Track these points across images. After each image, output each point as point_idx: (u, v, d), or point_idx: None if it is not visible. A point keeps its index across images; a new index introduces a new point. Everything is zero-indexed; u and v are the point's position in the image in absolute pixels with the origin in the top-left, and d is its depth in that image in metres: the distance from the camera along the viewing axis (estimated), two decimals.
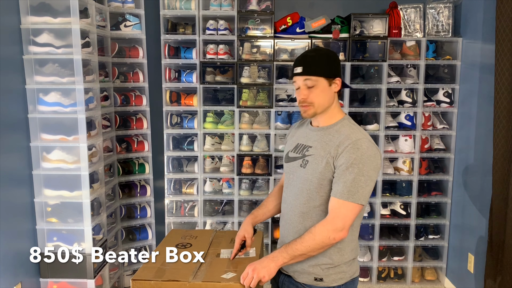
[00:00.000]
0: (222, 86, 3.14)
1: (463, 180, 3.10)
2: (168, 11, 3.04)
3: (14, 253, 2.28)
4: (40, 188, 2.42)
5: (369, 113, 3.21)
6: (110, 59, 2.94)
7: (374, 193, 3.22)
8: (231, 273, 1.49)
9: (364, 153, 1.41)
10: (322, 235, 1.41)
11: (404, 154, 3.20)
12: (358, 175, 1.39)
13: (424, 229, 3.30)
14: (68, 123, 2.41)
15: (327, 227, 1.42)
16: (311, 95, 1.48)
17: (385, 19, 3.07)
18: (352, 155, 1.41)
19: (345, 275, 1.52)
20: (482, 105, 2.84)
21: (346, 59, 3.10)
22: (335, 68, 1.50)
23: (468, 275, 2.97)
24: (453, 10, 3.11)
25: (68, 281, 2.46)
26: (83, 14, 2.44)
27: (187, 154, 3.21)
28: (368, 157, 1.41)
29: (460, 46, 3.09)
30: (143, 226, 3.21)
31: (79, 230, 2.45)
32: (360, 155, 1.41)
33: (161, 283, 1.45)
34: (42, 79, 2.37)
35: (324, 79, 1.47)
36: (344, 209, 1.41)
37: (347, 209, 1.41)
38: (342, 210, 1.41)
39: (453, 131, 3.18)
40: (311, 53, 1.55)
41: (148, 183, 3.21)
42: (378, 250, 3.27)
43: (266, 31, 3.10)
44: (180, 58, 3.12)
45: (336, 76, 1.49)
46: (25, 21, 2.32)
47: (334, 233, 1.41)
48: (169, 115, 3.17)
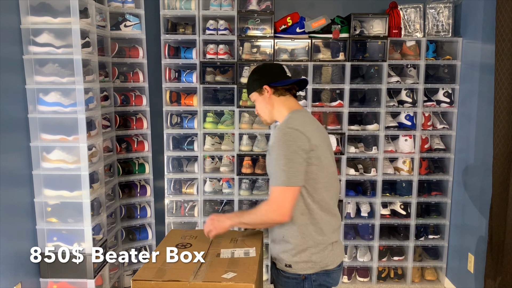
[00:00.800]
0: (222, 86, 3.14)
1: (463, 180, 3.10)
2: (168, 11, 3.04)
3: (14, 253, 2.27)
4: (40, 188, 2.42)
5: (369, 113, 3.21)
6: (110, 59, 2.94)
7: (374, 193, 3.22)
8: (231, 273, 1.49)
9: (276, 137, 1.54)
10: (261, 213, 1.57)
11: (404, 154, 3.20)
12: (277, 160, 1.52)
13: (424, 229, 3.30)
14: (68, 123, 2.41)
15: (266, 207, 1.57)
16: (256, 109, 1.76)
17: (385, 19, 3.07)
18: (270, 143, 1.61)
19: (315, 265, 1.59)
20: (482, 105, 2.84)
21: (346, 59, 3.10)
22: (258, 79, 1.70)
23: (468, 275, 2.97)
24: (453, 10, 3.11)
25: (68, 281, 2.46)
26: (83, 14, 2.44)
27: (187, 154, 3.21)
28: (279, 139, 1.53)
29: (460, 46, 3.09)
30: (143, 226, 3.21)
31: (79, 230, 2.45)
32: (274, 141, 1.55)
33: (162, 283, 1.45)
34: (42, 79, 2.37)
35: (255, 93, 1.71)
36: (276, 193, 1.53)
37: (278, 193, 1.52)
38: (275, 194, 1.54)
39: (453, 131, 3.18)
40: (248, 77, 1.77)
41: (148, 183, 3.21)
42: (378, 250, 3.27)
43: (266, 31, 3.10)
44: (180, 58, 3.12)
45: (261, 85, 1.68)
46: (25, 21, 2.32)
47: (271, 213, 1.54)
48: (169, 115, 3.17)
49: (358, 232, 3.34)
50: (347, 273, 3.32)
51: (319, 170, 1.55)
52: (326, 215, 1.59)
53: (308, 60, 3.10)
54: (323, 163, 1.56)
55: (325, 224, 1.59)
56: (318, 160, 1.55)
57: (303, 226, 1.57)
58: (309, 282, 1.60)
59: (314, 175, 1.54)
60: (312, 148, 1.53)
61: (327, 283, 1.62)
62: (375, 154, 3.19)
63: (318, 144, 1.55)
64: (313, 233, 1.58)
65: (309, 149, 1.52)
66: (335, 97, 3.16)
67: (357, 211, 3.30)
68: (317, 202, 1.57)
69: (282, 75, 1.69)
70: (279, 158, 1.50)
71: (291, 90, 1.70)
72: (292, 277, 1.61)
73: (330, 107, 3.16)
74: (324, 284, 1.62)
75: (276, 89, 1.68)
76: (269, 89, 1.68)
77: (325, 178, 1.58)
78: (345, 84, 3.12)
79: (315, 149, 1.54)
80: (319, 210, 1.58)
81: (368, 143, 3.21)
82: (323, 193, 1.58)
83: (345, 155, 3.17)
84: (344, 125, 3.15)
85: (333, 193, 1.64)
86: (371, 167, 3.20)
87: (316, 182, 1.55)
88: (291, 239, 1.59)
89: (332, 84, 3.14)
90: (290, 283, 1.62)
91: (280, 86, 1.68)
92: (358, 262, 3.30)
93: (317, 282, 1.60)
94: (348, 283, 3.31)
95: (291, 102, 1.70)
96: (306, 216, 1.57)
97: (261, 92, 1.69)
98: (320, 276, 1.60)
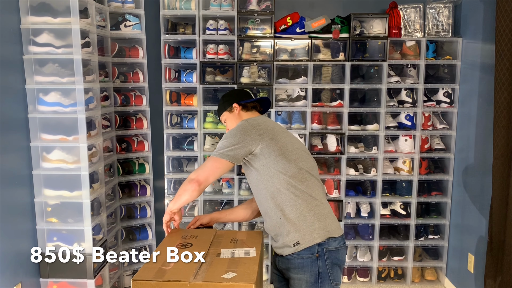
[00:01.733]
0: (222, 86, 3.14)
1: (463, 180, 3.10)
2: (168, 11, 3.04)
3: (14, 253, 2.27)
4: (40, 188, 2.42)
5: (369, 113, 3.21)
6: (110, 59, 2.94)
7: (374, 193, 3.23)
8: (232, 273, 1.49)
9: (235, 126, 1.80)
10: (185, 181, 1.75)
11: (404, 154, 3.20)
12: (223, 138, 1.74)
13: (424, 229, 3.30)
14: (68, 123, 2.40)
15: (189, 176, 1.75)
16: (227, 126, 1.97)
17: (385, 19, 3.07)
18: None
19: (321, 232, 1.68)
20: (482, 105, 2.84)
21: (346, 59, 3.10)
22: (227, 100, 1.96)
23: (468, 275, 2.97)
24: (453, 10, 3.11)
25: (68, 281, 2.46)
26: (83, 14, 2.44)
27: (187, 154, 3.21)
28: (235, 127, 1.77)
29: (460, 46, 3.09)
30: (143, 226, 3.21)
31: (79, 230, 2.45)
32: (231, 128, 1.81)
33: (162, 283, 1.44)
34: (42, 79, 2.37)
35: (226, 112, 1.96)
36: (205, 162, 1.77)
37: (206, 160, 1.76)
38: (204, 163, 1.77)
39: (453, 131, 3.18)
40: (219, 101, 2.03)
41: (148, 183, 3.21)
42: (378, 250, 3.27)
43: (266, 31, 3.10)
44: (180, 58, 3.12)
45: (231, 104, 1.94)
46: (25, 21, 2.32)
47: (189, 177, 1.73)
48: (169, 115, 3.17)
49: (358, 232, 3.34)
50: (347, 273, 3.32)
51: (282, 147, 1.72)
52: (310, 183, 1.72)
53: (308, 60, 3.10)
54: (281, 141, 1.73)
55: (314, 191, 1.72)
56: (274, 141, 1.72)
57: (295, 200, 1.69)
58: (323, 260, 1.67)
59: (279, 151, 1.70)
60: (261, 133, 1.72)
61: (338, 262, 1.71)
62: (375, 154, 3.19)
63: (267, 128, 1.75)
64: (306, 202, 1.69)
65: (256, 134, 1.71)
66: (335, 97, 3.17)
67: (357, 211, 3.30)
68: (298, 173, 1.70)
69: (247, 96, 1.98)
70: (223, 138, 1.74)
71: (256, 107, 1.97)
72: (305, 256, 1.67)
73: (330, 107, 3.16)
74: (336, 263, 1.70)
75: (244, 106, 1.94)
76: (237, 106, 1.93)
77: (293, 151, 1.74)
78: (345, 84, 3.12)
79: (265, 133, 1.72)
80: (304, 180, 1.71)
81: (368, 143, 3.21)
82: (300, 163, 1.72)
83: (345, 155, 3.17)
84: (344, 125, 3.15)
85: (310, 164, 1.78)
86: (371, 167, 3.20)
87: (285, 156, 1.70)
88: (289, 215, 1.69)
89: (332, 84, 3.14)
90: (305, 263, 1.67)
91: (247, 103, 1.94)
92: (358, 262, 3.30)
93: (330, 260, 1.67)
94: (348, 283, 3.31)
95: (255, 114, 1.95)
96: (295, 188, 1.69)
97: (231, 110, 1.94)
98: (331, 253, 1.68)
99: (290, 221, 1.69)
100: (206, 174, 1.72)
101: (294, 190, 1.69)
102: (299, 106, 3.15)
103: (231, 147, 1.69)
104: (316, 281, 1.67)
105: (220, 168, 1.72)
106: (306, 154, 1.81)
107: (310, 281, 1.67)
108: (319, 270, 1.67)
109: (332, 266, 1.68)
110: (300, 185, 1.70)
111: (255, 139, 1.70)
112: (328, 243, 1.68)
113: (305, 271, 1.68)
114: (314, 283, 1.67)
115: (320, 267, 1.67)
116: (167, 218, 1.83)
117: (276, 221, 1.73)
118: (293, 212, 1.69)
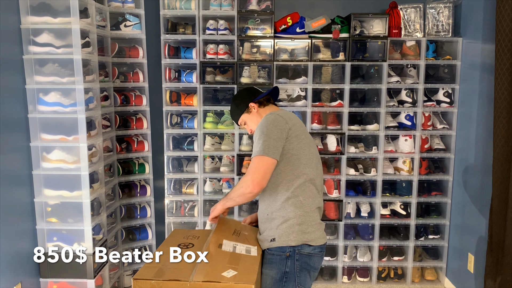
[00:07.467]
0: (222, 86, 3.14)
1: (463, 180, 3.10)
2: (168, 11, 3.04)
3: (14, 253, 2.27)
4: (40, 188, 2.42)
5: (369, 113, 3.21)
6: (110, 59, 2.94)
7: (374, 193, 3.23)
8: (232, 271, 1.49)
9: (260, 123, 1.76)
10: (239, 185, 1.71)
11: (404, 154, 3.20)
12: (257, 138, 1.70)
13: (424, 229, 3.30)
14: (68, 123, 2.40)
15: (242, 178, 1.70)
16: (249, 128, 1.94)
17: (385, 19, 3.07)
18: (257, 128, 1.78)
19: (297, 237, 1.68)
20: (482, 105, 2.84)
21: (346, 59, 3.10)
22: (241, 102, 1.93)
23: (468, 275, 2.97)
24: (453, 10, 3.12)
25: (68, 281, 2.46)
26: (83, 14, 2.44)
27: (187, 154, 3.21)
28: (261, 124, 1.74)
29: (460, 46, 3.09)
30: (143, 226, 3.20)
31: (79, 230, 2.45)
32: (260, 124, 1.75)
33: (162, 282, 1.45)
34: (42, 79, 2.37)
35: (244, 114, 1.93)
36: (252, 163, 1.67)
37: (253, 162, 1.67)
38: (251, 164, 1.68)
39: (453, 131, 3.18)
40: (230, 106, 2.00)
41: (148, 183, 3.21)
42: (378, 250, 3.27)
43: (266, 31, 3.10)
44: (180, 58, 3.12)
45: (247, 105, 1.92)
46: (25, 21, 2.32)
47: (245, 183, 1.67)
48: (169, 115, 3.17)
49: (358, 232, 3.34)
50: (347, 273, 3.32)
51: (300, 148, 1.73)
52: (307, 190, 1.73)
53: (308, 60, 3.10)
54: (302, 142, 1.74)
55: (307, 199, 1.72)
56: (297, 139, 1.73)
57: (285, 201, 1.71)
58: (291, 261, 1.69)
59: (295, 151, 1.71)
60: (291, 127, 1.72)
61: (308, 267, 1.71)
62: (375, 154, 3.19)
63: (295, 125, 1.75)
64: (295, 206, 1.70)
65: (287, 128, 1.71)
66: (335, 97, 3.17)
67: (357, 211, 3.30)
68: (299, 178, 1.71)
69: (257, 92, 1.96)
70: (260, 136, 1.69)
71: (269, 100, 1.96)
72: (276, 253, 1.70)
73: (330, 107, 3.16)
74: (305, 267, 1.70)
75: (260, 103, 1.92)
76: (254, 104, 1.92)
77: (307, 155, 1.74)
78: (345, 84, 3.12)
79: (293, 128, 1.73)
80: (302, 186, 1.72)
81: (368, 143, 3.21)
82: (306, 169, 1.73)
83: (345, 155, 3.17)
84: (344, 125, 3.15)
85: (318, 171, 1.79)
86: (371, 167, 3.20)
87: (298, 158, 1.72)
88: (275, 213, 1.72)
89: (332, 84, 3.14)
90: (274, 259, 1.70)
91: (262, 99, 1.92)
92: (358, 262, 3.30)
93: (299, 262, 1.69)
94: (348, 283, 3.31)
95: (274, 108, 1.94)
96: (289, 191, 1.71)
97: (249, 110, 1.92)
98: (302, 256, 1.69)
99: (275, 219, 1.73)
100: (261, 176, 1.65)
101: (289, 194, 1.71)
102: (299, 106, 3.15)
103: (272, 142, 1.67)
104: (280, 279, 1.69)
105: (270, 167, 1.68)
106: (317, 160, 1.82)
107: (275, 278, 1.70)
108: (286, 269, 1.69)
109: (301, 269, 1.70)
110: (297, 190, 1.71)
111: (286, 130, 1.71)
112: (302, 247, 1.70)
113: (273, 267, 1.70)
114: (279, 281, 1.69)
115: (287, 266, 1.69)
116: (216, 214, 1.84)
117: (262, 219, 1.80)
118: (280, 212, 1.72)
